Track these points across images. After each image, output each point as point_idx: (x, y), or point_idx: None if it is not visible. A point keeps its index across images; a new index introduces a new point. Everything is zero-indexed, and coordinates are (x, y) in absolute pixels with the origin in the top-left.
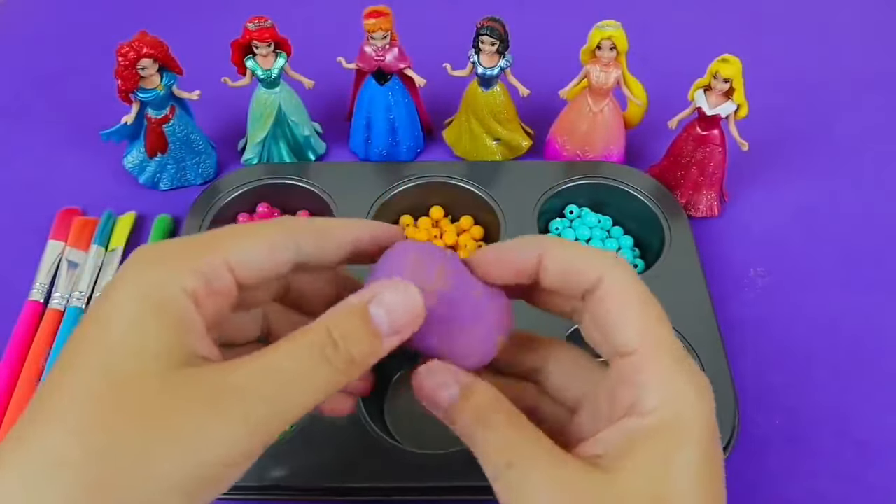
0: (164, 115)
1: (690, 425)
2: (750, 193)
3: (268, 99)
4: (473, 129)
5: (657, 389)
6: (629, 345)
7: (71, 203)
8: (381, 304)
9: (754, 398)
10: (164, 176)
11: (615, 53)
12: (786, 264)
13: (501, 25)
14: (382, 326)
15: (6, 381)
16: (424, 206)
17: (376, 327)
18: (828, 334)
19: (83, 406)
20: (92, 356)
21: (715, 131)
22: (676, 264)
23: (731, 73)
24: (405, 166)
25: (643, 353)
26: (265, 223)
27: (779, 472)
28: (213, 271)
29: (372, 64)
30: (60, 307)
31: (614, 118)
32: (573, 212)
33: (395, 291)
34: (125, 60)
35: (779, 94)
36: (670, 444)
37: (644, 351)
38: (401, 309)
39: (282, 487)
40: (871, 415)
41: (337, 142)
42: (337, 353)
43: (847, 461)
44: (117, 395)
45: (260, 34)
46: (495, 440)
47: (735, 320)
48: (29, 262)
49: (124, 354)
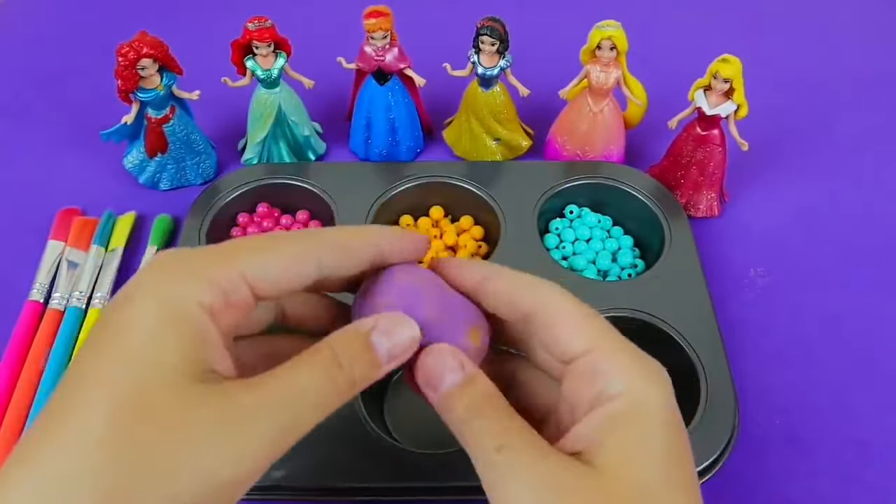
0: (164, 115)
1: (656, 407)
2: (750, 193)
3: (268, 99)
4: (473, 129)
5: (620, 374)
6: (583, 346)
7: (71, 203)
8: (383, 334)
9: (754, 398)
10: (164, 176)
11: (615, 53)
12: (786, 264)
13: (501, 25)
14: (382, 354)
15: (6, 381)
16: (424, 206)
17: (377, 355)
18: (828, 334)
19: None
20: (112, 366)
21: (715, 131)
22: (676, 264)
23: (731, 73)
24: (405, 166)
25: (599, 348)
26: (287, 235)
27: (779, 472)
28: (231, 285)
29: (372, 64)
30: (60, 307)
31: (614, 118)
32: (573, 212)
33: (397, 324)
34: (125, 60)
35: (779, 94)
36: (643, 426)
37: (600, 346)
38: (400, 340)
39: (282, 487)
40: (871, 415)
41: (337, 142)
42: (342, 374)
43: (847, 461)
44: (139, 408)
45: (260, 34)
46: (489, 427)
47: (735, 320)
48: (29, 262)
49: (144, 366)
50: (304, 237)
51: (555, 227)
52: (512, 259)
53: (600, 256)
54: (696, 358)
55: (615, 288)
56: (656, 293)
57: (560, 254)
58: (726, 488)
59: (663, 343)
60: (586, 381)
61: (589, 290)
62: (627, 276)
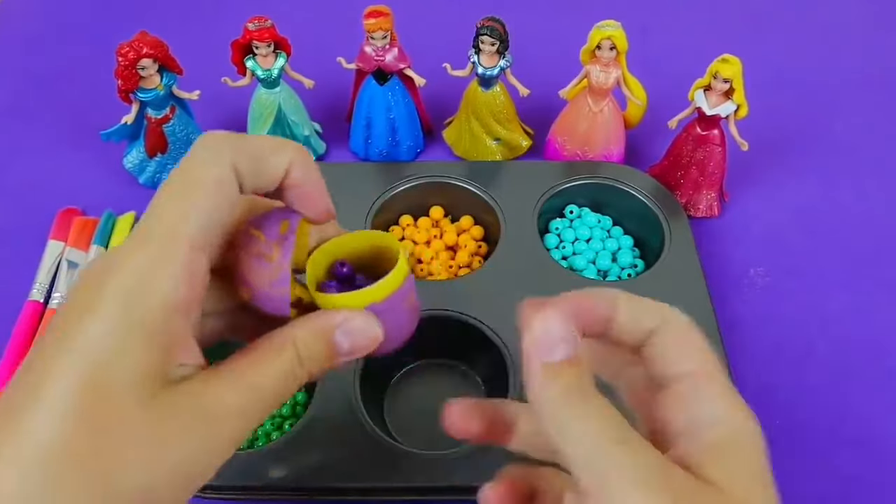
0: (164, 115)
1: (754, 437)
2: (750, 193)
3: (268, 99)
4: (473, 129)
5: (721, 401)
6: (689, 367)
7: (71, 203)
8: (347, 335)
9: (754, 398)
10: (165, 176)
11: (615, 53)
12: (786, 264)
13: (501, 25)
14: (342, 352)
15: (6, 380)
16: (424, 206)
17: (337, 351)
18: (827, 334)
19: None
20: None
21: (715, 131)
22: (676, 264)
23: (730, 73)
24: (405, 166)
25: (702, 373)
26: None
27: (779, 471)
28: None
29: (372, 64)
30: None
31: (614, 118)
32: (573, 212)
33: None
34: (125, 60)
35: (779, 94)
36: (746, 452)
37: (703, 372)
38: (361, 343)
39: (282, 487)
40: (870, 415)
41: (337, 142)
42: (302, 370)
43: (847, 461)
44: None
45: (260, 34)
46: (608, 415)
47: (735, 320)
48: (29, 262)
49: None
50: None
51: (555, 227)
52: (512, 259)
53: (600, 256)
54: None
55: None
56: (656, 293)
57: (560, 254)
58: None
59: None
60: (684, 403)
61: None
62: (627, 276)
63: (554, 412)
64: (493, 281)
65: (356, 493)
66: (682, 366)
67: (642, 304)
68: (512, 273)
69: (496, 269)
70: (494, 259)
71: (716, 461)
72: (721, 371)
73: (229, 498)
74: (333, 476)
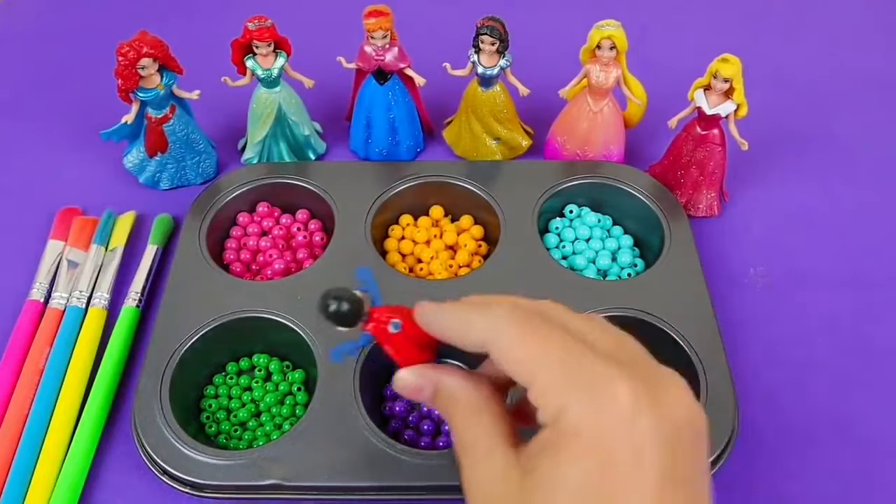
0: (165, 114)
1: (582, 438)
2: (750, 193)
3: (268, 98)
4: (473, 128)
5: (545, 408)
6: (525, 382)
7: (71, 203)
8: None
9: (754, 398)
10: (165, 175)
11: (615, 53)
12: (786, 264)
13: (501, 25)
14: None
15: (6, 380)
16: (424, 206)
17: None
18: (827, 334)
19: None
20: None
21: (715, 131)
22: (676, 264)
23: (730, 73)
24: (405, 166)
25: (538, 379)
26: None
27: (779, 472)
28: None
29: (372, 63)
30: (60, 307)
31: (614, 118)
32: (573, 211)
33: None
34: (125, 60)
35: (778, 95)
36: (563, 456)
37: (538, 377)
38: None
39: (282, 487)
40: (871, 414)
41: (337, 141)
42: None
43: (847, 461)
44: None
45: (260, 34)
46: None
47: (735, 320)
48: (29, 261)
49: None
50: None
51: (555, 227)
52: (512, 259)
53: (600, 256)
54: (695, 358)
55: (615, 288)
56: (656, 293)
57: (560, 253)
58: (726, 488)
59: (663, 343)
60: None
61: (589, 290)
62: (627, 276)
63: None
64: (493, 280)
65: (356, 493)
66: (520, 378)
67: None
68: (512, 273)
69: (496, 269)
70: (494, 259)
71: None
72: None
73: (229, 498)
74: (333, 476)
